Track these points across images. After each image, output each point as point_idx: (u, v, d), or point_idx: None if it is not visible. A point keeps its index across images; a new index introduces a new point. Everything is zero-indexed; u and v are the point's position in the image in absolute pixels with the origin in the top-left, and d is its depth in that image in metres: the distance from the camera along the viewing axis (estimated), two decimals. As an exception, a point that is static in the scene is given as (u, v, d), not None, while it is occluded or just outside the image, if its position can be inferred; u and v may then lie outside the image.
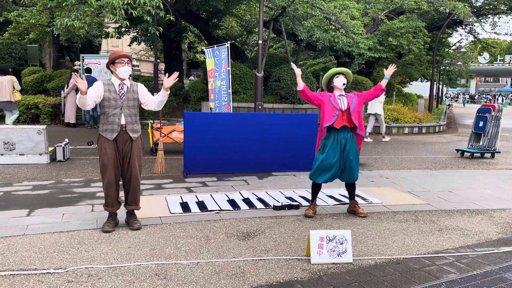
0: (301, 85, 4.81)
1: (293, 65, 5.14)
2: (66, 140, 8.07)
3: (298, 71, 4.87)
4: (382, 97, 12.53)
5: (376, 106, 12.30)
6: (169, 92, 4.26)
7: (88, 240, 3.92)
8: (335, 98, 4.78)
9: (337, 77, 4.81)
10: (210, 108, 10.90)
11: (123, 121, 4.14)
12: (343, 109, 4.73)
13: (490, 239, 4.33)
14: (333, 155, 4.74)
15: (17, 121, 12.84)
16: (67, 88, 12.66)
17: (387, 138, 12.55)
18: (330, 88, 4.88)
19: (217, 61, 10.56)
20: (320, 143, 4.89)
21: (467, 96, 60.22)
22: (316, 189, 4.95)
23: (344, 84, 4.80)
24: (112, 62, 4.15)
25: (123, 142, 4.17)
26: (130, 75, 4.20)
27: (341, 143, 4.76)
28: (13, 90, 10.11)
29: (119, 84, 4.17)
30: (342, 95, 4.82)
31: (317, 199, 5.36)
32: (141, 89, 4.30)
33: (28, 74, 15.92)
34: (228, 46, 10.19)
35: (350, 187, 5.02)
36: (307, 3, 13.33)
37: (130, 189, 4.26)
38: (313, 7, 13.56)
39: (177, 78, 4.20)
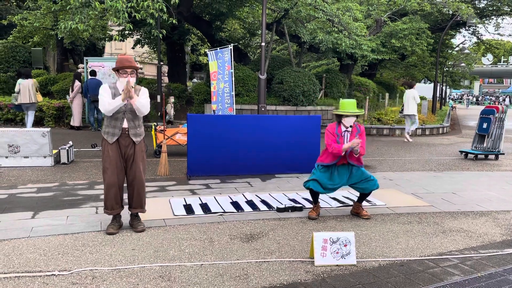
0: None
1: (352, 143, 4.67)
2: (70, 142, 8.10)
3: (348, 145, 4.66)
4: (417, 98, 12.61)
5: (414, 106, 12.46)
6: (134, 100, 4.07)
7: (92, 242, 3.93)
8: (341, 137, 4.76)
9: (347, 116, 4.75)
10: (213, 111, 10.92)
11: (125, 125, 4.16)
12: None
13: (494, 241, 4.32)
14: (329, 179, 4.79)
15: (21, 124, 12.95)
16: (71, 92, 12.71)
17: (410, 140, 12.64)
18: (339, 120, 4.83)
19: (220, 64, 10.59)
20: (318, 165, 4.87)
21: (471, 98, 59.78)
22: (314, 193, 4.94)
23: (351, 126, 4.78)
24: (117, 69, 4.17)
25: (125, 146, 4.19)
26: (132, 86, 4.14)
27: (339, 174, 4.83)
28: (36, 92, 11.27)
29: (123, 89, 4.18)
30: (348, 130, 4.80)
31: (320, 201, 5.37)
32: (141, 93, 4.24)
33: (33, 77, 15.99)
34: (231, 49, 10.22)
35: (363, 194, 5.00)
36: (310, 5, 13.34)
37: (134, 192, 4.27)
38: (316, 9, 13.58)
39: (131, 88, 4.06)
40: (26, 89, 11.12)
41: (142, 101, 4.16)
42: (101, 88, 4.17)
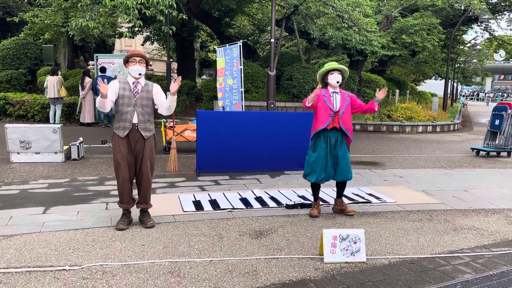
0: (311, 101, 4.65)
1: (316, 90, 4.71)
2: (81, 139, 8.17)
3: (319, 91, 4.63)
4: None
5: None
6: (176, 96, 4.27)
7: (103, 238, 3.96)
8: (329, 97, 4.67)
9: (332, 73, 4.68)
10: (222, 107, 10.90)
11: (135, 120, 4.18)
12: (336, 110, 4.64)
13: (506, 239, 4.26)
14: (323, 154, 4.66)
15: (32, 120, 13.08)
16: (82, 89, 12.80)
17: None
18: (325, 83, 4.76)
19: (228, 60, 10.57)
20: (310, 143, 4.81)
21: (491, 95, 57.66)
22: (315, 188, 4.89)
23: (338, 82, 4.67)
24: (126, 61, 4.21)
25: (135, 141, 4.21)
26: (140, 74, 4.20)
27: (330, 141, 4.68)
28: (60, 88, 12.47)
29: (133, 83, 4.22)
30: (336, 92, 4.71)
31: (330, 199, 5.35)
32: (156, 90, 4.31)
33: (43, 74, 16.13)
34: (240, 45, 10.19)
35: (340, 186, 4.92)
36: (320, 1, 13.26)
37: (141, 188, 4.31)
38: (325, 5, 13.48)
39: (180, 83, 4.19)
40: (52, 85, 12.35)
41: (167, 103, 4.27)
42: (110, 83, 4.21)
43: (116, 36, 17.96)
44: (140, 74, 4.18)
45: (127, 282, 3.12)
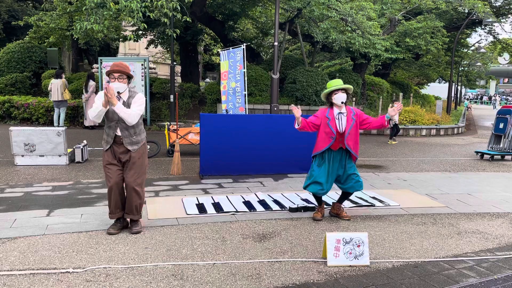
0: (299, 123, 4.61)
1: (292, 106, 4.71)
2: (85, 141, 8.19)
3: (297, 113, 4.55)
4: None
5: None
6: (114, 107, 3.91)
7: (106, 240, 3.97)
8: (333, 119, 4.59)
9: (336, 93, 4.60)
10: (226, 110, 10.91)
11: (118, 133, 4.09)
12: (341, 132, 4.59)
13: (511, 243, 4.24)
14: (326, 171, 4.65)
15: (37, 123, 13.14)
16: (85, 91, 12.85)
17: None
18: (330, 102, 4.69)
19: (231, 63, 10.59)
20: (315, 159, 4.76)
21: (498, 98, 56.60)
22: (317, 196, 4.89)
23: (343, 102, 4.60)
24: (108, 74, 4.06)
25: (120, 152, 4.13)
26: (119, 92, 3.99)
27: (333, 160, 4.68)
28: (64, 91, 12.51)
29: (116, 97, 4.01)
30: (342, 113, 4.63)
31: (333, 202, 5.33)
32: (135, 100, 4.07)
33: (48, 77, 16.22)
34: (243, 48, 10.21)
35: (346, 194, 4.90)
36: (323, 4, 13.26)
37: (127, 198, 4.22)
38: (329, 9, 13.49)
39: (114, 94, 3.87)
40: (56, 88, 12.41)
41: (128, 111, 3.97)
42: (98, 93, 4.09)
43: (120, 39, 18.04)
44: (118, 93, 3.99)
45: (130, 284, 3.12)
